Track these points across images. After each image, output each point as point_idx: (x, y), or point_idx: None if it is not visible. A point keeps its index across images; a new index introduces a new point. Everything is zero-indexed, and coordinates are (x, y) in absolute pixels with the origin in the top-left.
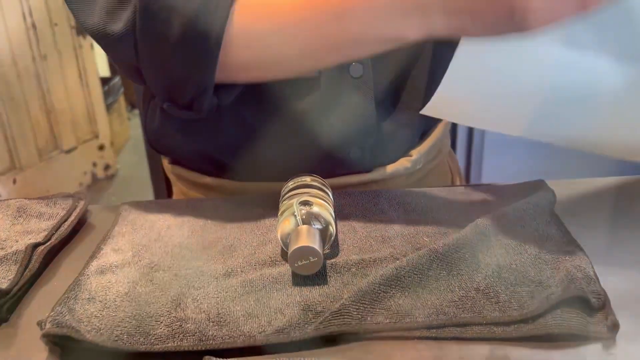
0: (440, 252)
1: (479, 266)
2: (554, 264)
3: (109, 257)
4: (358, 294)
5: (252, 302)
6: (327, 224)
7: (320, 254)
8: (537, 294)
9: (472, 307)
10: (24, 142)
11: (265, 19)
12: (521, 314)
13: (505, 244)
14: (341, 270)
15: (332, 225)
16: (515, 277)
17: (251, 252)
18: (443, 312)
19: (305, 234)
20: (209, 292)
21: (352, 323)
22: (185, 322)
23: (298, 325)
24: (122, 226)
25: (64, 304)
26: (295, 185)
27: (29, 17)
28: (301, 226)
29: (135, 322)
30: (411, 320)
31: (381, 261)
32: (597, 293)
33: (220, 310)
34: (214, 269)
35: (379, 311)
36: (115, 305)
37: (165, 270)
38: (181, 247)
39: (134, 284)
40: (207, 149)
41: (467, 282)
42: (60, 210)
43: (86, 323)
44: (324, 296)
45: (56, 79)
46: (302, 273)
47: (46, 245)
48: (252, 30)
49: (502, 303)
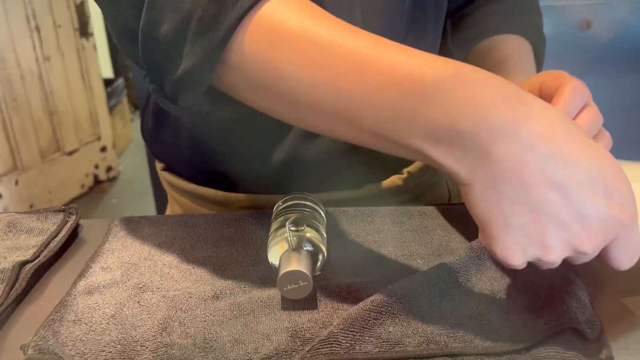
0: (433, 276)
1: (472, 292)
2: (549, 290)
3: (97, 276)
4: (347, 321)
5: (239, 327)
6: (318, 247)
7: (309, 278)
8: (530, 322)
9: (464, 336)
10: (26, 144)
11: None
12: (514, 344)
13: (499, 268)
14: (331, 294)
15: (324, 249)
16: (508, 304)
17: (241, 273)
18: (434, 341)
19: (295, 257)
20: (196, 315)
21: (340, 352)
22: (170, 347)
23: (285, 353)
24: (112, 243)
25: (49, 327)
26: (287, 205)
27: (33, 19)
28: (291, 249)
29: (121, 346)
30: (401, 350)
31: (373, 284)
32: (592, 323)
33: (207, 335)
34: (203, 290)
35: (368, 339)
36: (101, 328)
37: (154, 291)
38: (170, 267)
39: (121, 306)
40: (197, 158)
41: (459, 308)
42: (51, 225)
43: (70, 347)
44: (313, 322)
45: (59, 80)
46: (292, 297)
47: (34, 263)
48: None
49: (495, 332)
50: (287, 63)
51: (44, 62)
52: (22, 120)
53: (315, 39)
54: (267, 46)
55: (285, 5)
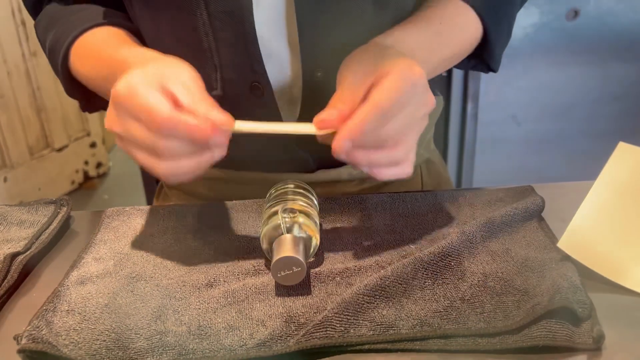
0: (425, 260)
1: (464, 274)
2: (540, 272)
3: (89, 267)
4: (341, 305)
5: (234, 314)
6: (312, 234)
7: (303, 264)
8: (522, 303)
9: (457, 317)
10: (14, 140)
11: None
12: (506, 325)
13: (492, 251)
14: (325, 279)
15: (317, 234)
16: (501, 286)
17: (235, 261)
18: (427, 324)
19: (289, 243)
20: (190, 303)
21: (334, 336)
22: (165, 335)
23: (280, 338)
24: (104, 233)
25: (42, 317)
26: (279, 192)
27: (18, 13)
28: (285, 235)
29: (115, 335)
30: (395, 332)
31: (366, 270)
32: (583, 303)
33: (202, 323)
34: (196, 278)
35: (362, 323)
36: (95, 317)
37: (147, 280)
38: (163, 256)
39: (115, 295)
40: None
41: (452, 291)
42: (42, 217)
43: (64, 336)
44: (307, 307)
45: (47, 76)
46: (285, 283)
47: (25, 255)
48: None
49: (487, 313)
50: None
51: (30, 58)
52: (9, 117)
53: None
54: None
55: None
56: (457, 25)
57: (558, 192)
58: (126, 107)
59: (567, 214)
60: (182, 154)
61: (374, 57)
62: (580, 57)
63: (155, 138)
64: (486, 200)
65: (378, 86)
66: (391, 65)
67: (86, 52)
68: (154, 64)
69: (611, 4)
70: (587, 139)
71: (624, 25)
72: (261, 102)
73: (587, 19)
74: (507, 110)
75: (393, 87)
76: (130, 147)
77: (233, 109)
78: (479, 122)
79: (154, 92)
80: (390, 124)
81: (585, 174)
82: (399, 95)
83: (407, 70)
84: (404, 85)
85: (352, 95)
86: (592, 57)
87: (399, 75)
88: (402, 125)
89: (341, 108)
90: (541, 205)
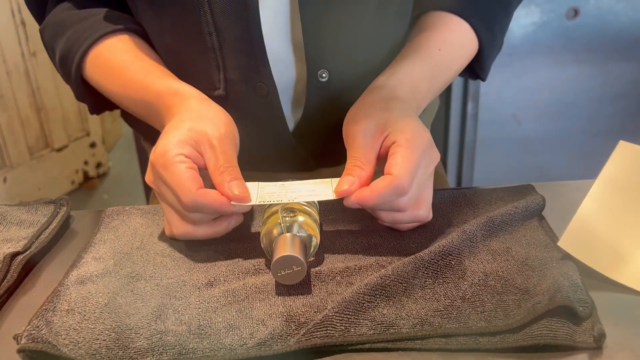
0: (426, 259)
1: (465, 273)
2: (541, 270)
3: (89, 266)
4: (342, 304)
5: (234, 313)
6: (312, 233)
7: (304, 263)
8: (523, 302)
9: (458, 316)
10: (14, 140)
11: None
12: (507, 324)
13: (492, 250)
14: (325, 278)
15: (317, 234)
16: (501, 285)
17: (235, 261)
18: (428, 323)
19: (288, 242)
20: (190, 302)
21: (335, 335)
22: (165, 334)
23: (280, 338)
24: (104, 233)
25: (42, 317)
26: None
27: (18, 13)
28: (285, 234)
29: (115, 334)
30: (395, 331)
31: (366, 269)
32: (584, 302)
33: (202, 322)
34: (196, 278)
35: (363, 322)
36: (95, 317)
37: (147, 279)
38: (163, 256)
39: (115, 295)
40: None
41: (452, 290)
42: (42, 217)
43: (64, 336)
44: (307, 306)
45: (46, 76)
46: (286, 283)
47: (25, 254)
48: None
49: (488, 312)
50: (100, 78)
51: (30, 58)
52: (9, 117)
53: (113, 65)
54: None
55: (108, 43)
56: (456, 47)
57: (558, 191)
58: (160, 175)
59: (567, 213)
60: (203, 222)
61: (381, 114)
62: (580, 56)
63: (180, 208)
64: (486, 199)
65: (392, 159)
66: (401, 130)
67: (107, 65)
68: (191, 123)
69: (611, 3)
70: (587, 138)
71: (624, 24)
72: (265, 103)
73: (587, 18)
74: (507, 110)
75: (408, 163)
76: (162, 202)
77: (236, 110)
78: (479, 122)
79: (185, 171)
80: (409, 192)
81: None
82: (414, 169)
83: (418, 139)
84: (417, 158)
85: (367, 158)
86: (592, 56)
87: (412, 149)
88: (417, 189)
89: (360, 175)
90: (542, 204)
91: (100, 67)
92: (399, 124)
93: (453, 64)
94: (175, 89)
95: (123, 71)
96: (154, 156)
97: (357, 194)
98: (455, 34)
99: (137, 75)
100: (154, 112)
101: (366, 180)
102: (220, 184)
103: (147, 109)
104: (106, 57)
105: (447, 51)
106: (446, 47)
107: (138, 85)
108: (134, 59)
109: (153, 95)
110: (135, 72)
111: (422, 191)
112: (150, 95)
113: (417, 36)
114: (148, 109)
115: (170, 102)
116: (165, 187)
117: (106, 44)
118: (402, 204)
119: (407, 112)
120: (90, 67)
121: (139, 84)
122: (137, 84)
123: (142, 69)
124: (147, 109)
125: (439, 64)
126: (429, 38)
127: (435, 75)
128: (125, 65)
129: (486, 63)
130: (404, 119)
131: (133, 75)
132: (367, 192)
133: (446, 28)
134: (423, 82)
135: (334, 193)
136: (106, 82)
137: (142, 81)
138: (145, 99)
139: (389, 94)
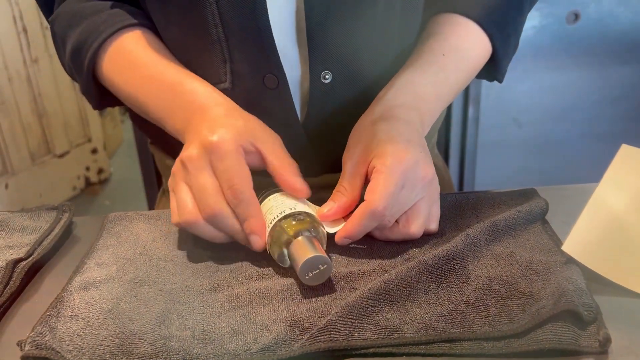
0: (429, 264)
1: (469, 278)
2: (545, 275)
3: (92, 272)
4: (345, 309)
5: (238, 318)
6: (318, 227)
7: (329, 260)
8: (527, 307)
9: (462, 321)
10: (15, 146)
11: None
12: (511, 329)
13: (496, 254)
14: (329, 283)
15: (319, 225)
16: (505, 289)
17: (238, 265)
18: (432, 327)
19: (307, 245)
20: (194, 307)
21: (339, 339)
22: (169, 339)
23: (284, 343)
24: (106, 239)
25: (45, 323)
26: (263, 197)
27: (20, 20)
28: (298, 238)
29: (119, 340)
30: (399, 336)
31: (370, 274)
32: (588, 306)
33: (206, 327)
34: (200, 283)
35: (367, 326)
36: (99, 322)
37: (150, 285)
38: (166, 261)
39: (118, 300)
40: None
41: (456, 295)
42: (44, 223)
43: (68, 342)
44: (311, 311)
45: (48, 82)
46: (313, 283)
47: (28, 261)
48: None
49: (492, 317)
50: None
51: (32, 64)
52: (11, 123)
53: (132, 60)
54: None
55: (128, 37)
56: (463, 50)
57: (561, 195)
58: (213, 157)
59: (570, 217)
60: (218, 232)
61: (367, 138)
62: (581, 59)
63: (215, 200)
64: (490, 203)
65: (369, 185)
66: (380, 156)
67: (124, 61)
68: (244, 121)
69: (611, 7)
70: (589, 142)
71: (624, 28)
72: (275, 94)
73: (588, 21)
74: (509, 113)
75: (382, 188)
76: (182, 184)
77: (242, 103)
78: (481, 126)
79: (244, 163)
80: (387, 215)
81: (588, 176)
82: (389, 192)
83: (396, 163)
84: (395, 181)
85: (351, 185)
86: (593, 59)
87: (387, 174)
88: (400, 209)
89: (340, 200)
90: (545, 208)
91: (115, 62)
92: (379, 149)
93: (461, 67)
94: (211, 88)
95: (148, 65)
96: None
97: (340, 232)
98: (463, 37)
99: (169, 71)
100: (179, 109)
101: (347, 206)
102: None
103: (171, 104)
104: (123, 51)
105: (453, 55)
106: (452, 51)
107: (168, 81)
108: (159, 55)
109: (188, 92)
110: (165, 67)
111: (408, 210)
112: (183, 91)
113: (422, 42)
114: (170, 104)
115: (206, 98)
116: (206, 171)
117: (124, 38)
118: (385, 222)
119: (391, 133)
120: (107, 61)
121: (170, 79)
122: (165, 78)
123: (171, 66)
124: (170, 105)
125: (444, 68)
126: (433, 44)
127: (440, 80)
128: (151, 59)
129: (501, 65)
130: (385, 144)
131: (163, 70)
132: (349, 224)
133: (453, 32)
134: (426, 88)
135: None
136: (122, 77)
137: (174, 77)
138: (175, 92)
139: (384, 108)
